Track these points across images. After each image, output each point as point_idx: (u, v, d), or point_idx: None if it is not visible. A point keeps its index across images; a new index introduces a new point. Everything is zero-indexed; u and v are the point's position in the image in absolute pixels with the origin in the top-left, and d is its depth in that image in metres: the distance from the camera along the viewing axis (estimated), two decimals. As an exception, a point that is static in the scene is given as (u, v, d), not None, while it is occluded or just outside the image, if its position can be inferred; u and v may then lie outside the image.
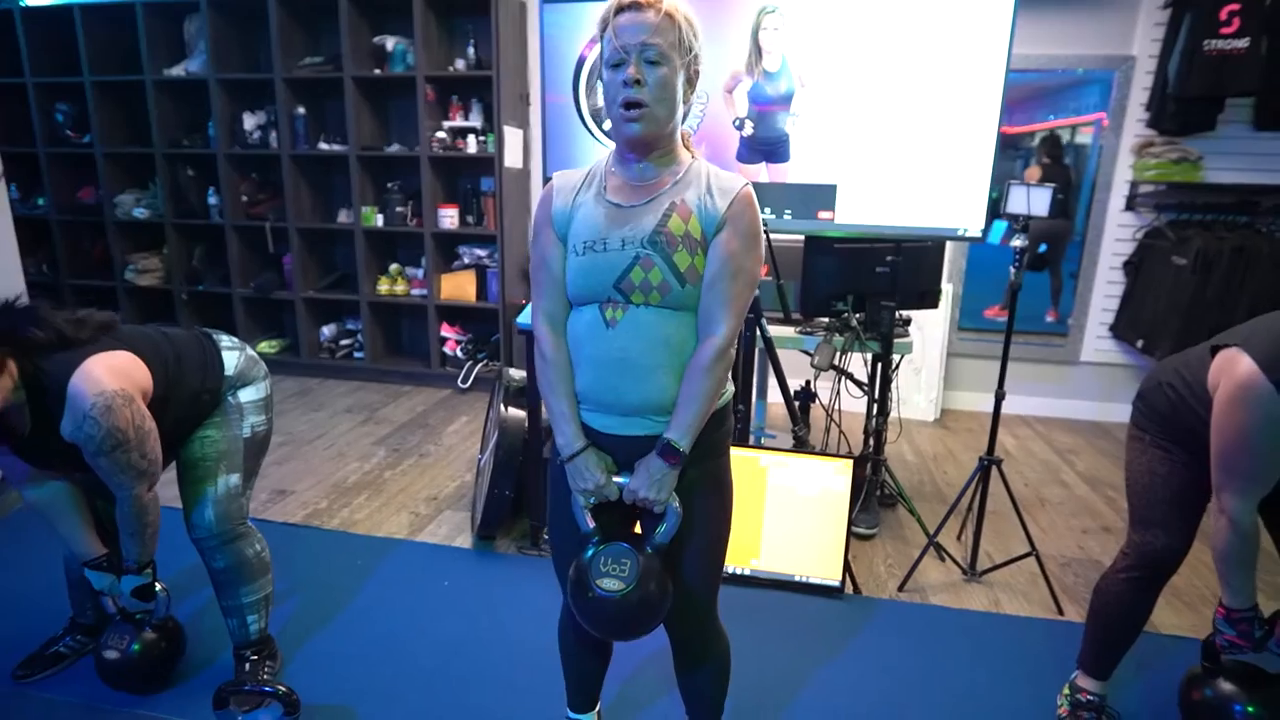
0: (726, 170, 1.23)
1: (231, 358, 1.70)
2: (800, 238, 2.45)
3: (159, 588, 1.66)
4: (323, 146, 4.04)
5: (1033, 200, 2.04)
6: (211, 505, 1.61)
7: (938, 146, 2.26)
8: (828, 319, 2.62)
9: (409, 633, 2.02)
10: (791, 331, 2.61)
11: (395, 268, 4.25)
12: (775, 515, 2.22)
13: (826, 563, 2.21)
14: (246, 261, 4.31)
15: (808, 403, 2.74)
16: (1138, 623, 1.57)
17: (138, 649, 1.65)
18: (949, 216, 2.31)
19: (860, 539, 2.58)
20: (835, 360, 2.53)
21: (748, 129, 2.33)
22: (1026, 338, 4.41)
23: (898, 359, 2.63)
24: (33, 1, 4.10)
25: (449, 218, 4.01)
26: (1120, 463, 3.34)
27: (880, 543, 2.60)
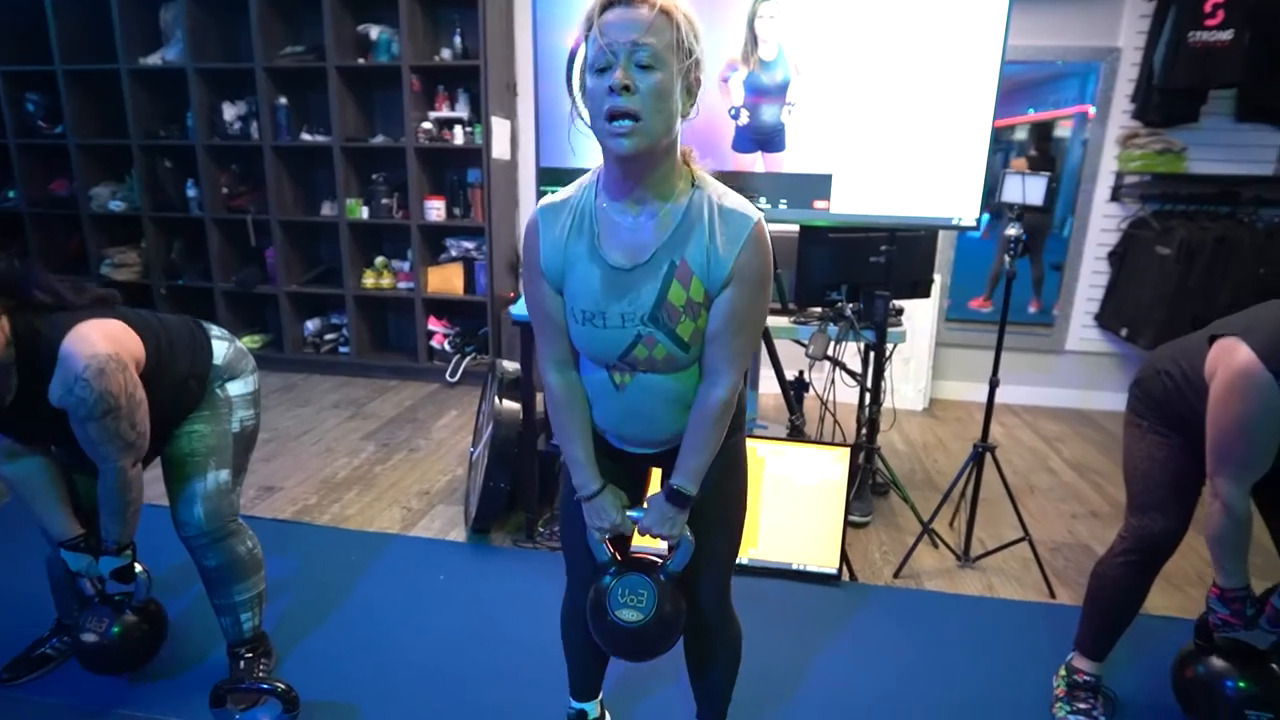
0: (734, 195, 1.09)
1: (220, 347, 1.65)
2: (796, 227, 2.44)
3: (139, 569, 1.57)
4: (305, 137, 3.97)
5: (1028, 189, 2.05)
6: (201, 502, 1.56)
7: (932, 135, 2.26)
8: (821, 309, 2.62)
9: (406, 628, 1.99)
10: (785, 321, 2.61)
11: (381, 261, 4.19)
12: (773, 504, 2.22)
13: (824, 551, 2.22)
14: (227, 255, 4.23)
15: (801, 393, 2.75)
16: (1134, 605, 1.59)
17: (117, 632, 1.55)
18: (943, 206, 2.32)
19: (854, 527, 2.59)
20: (830, 350, 2.54)
21: (743, 118, 2.32)
22: (1012, 328, 4.45)
23: (891, 348, 2.64)
24: (1, -13, 3.98)
25: (435, 210, 3.96)
26: (1106, 450, 3.41)
27: (874, 530, 2.61)
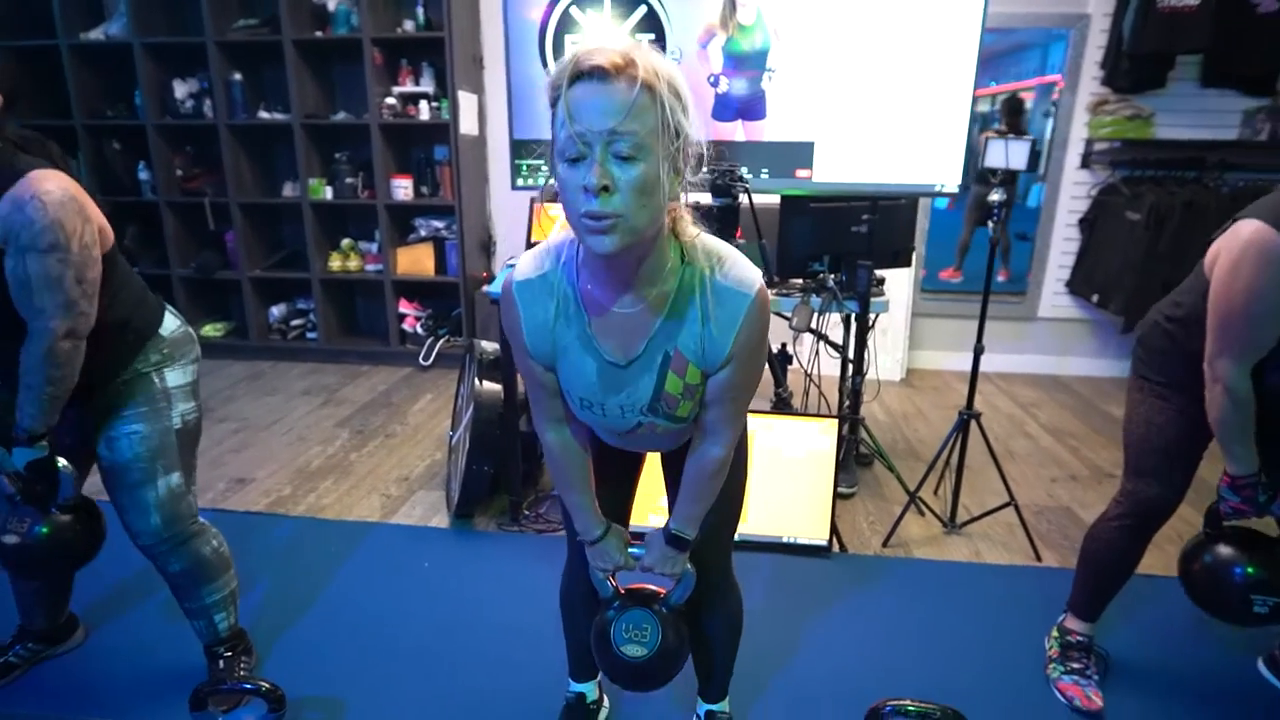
0: (733, 260, 0.98)
1: (172, 321, 1.50)
2: (777, 197, 2.40)
3: (61, 464, 1.40)
4: (263, 115, 3.81)
5: (1011, 154, 2.04)
6: (156, 510, 1.44)
7: (914, 101, 2.24)
8: (803, 280, 2.60)
9: (393, 617, 1.94)
10: (768, 294, 2.58)
11: (347, 243, 4.06)
12: (762, 477, 2.20)
13: (813, 523, 2.21)
14: (184, 240, 4.06)
15: (785, 365, 2.73)
16: (1127, 569, 1.60)
17: (45, 532, 1.39)
18: (925, 172, 2.30)
19: (841, 498, 2.59)
20: (813, 322, 2.51)
21: (723, 85, 2.27)
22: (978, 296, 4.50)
23: (873, 318, 2.63)
24: (-76, -42, 3.72)
25: (403, 189, 3.84)
26: (1080, 415, 3.46)
27: (860, 501, 2.62)
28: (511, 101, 2.35)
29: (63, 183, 1.25)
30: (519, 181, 2.44)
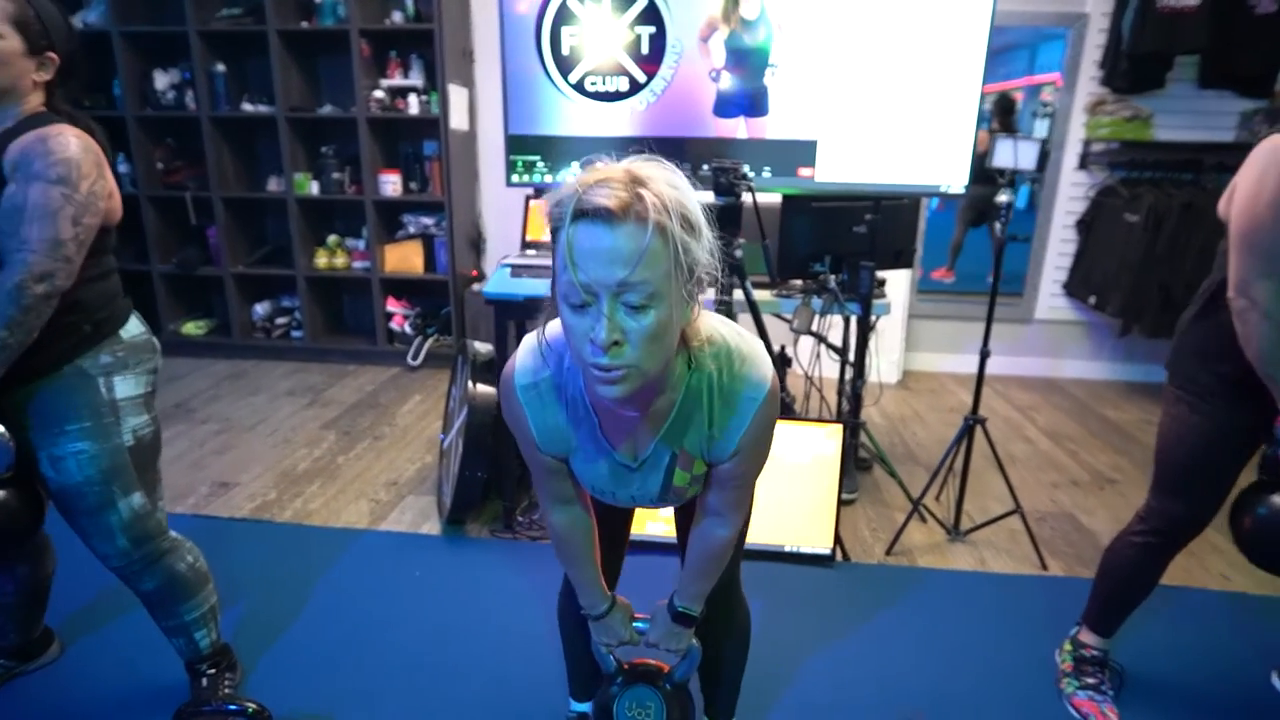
0: (743, 356, 0.93)
1: (136, 325, 1.39)
2: (779, 196, 2.35)
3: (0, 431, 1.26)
4: (246, 108, 3.70)
5: (1020, 153, 1.99)
6: (122, 533, 1.35)
7: (920, 99, 2.19)
8: (803, 281, 2.54)
9: (383, 629, 1.87)
10: (768, 295, 2.53)
11: (334, 239, 3.96)
12: (764, 485, 2.13)
13: (816, 531, 2.16)
14: (165, 236, 3.94)
15: (784, 368, 2.68)
16: (1148, 586, 1.55)
17: None
18: (931, 173, 2.25)
19: (842, 504, 2.54)
20: (814, 324, 2.46)
21: (725, 81, 2.20)
22: (981, 298, 4.48)
23: (874, 320, 2.58)
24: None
25: (391, 184, 3.75)
26: (1077, 418, 3.44)
27: (861, 507, 2.57)
28: (507, 96, 2.27)
29: (90, 142, 1.25)
30: (514, 178, 2.36)
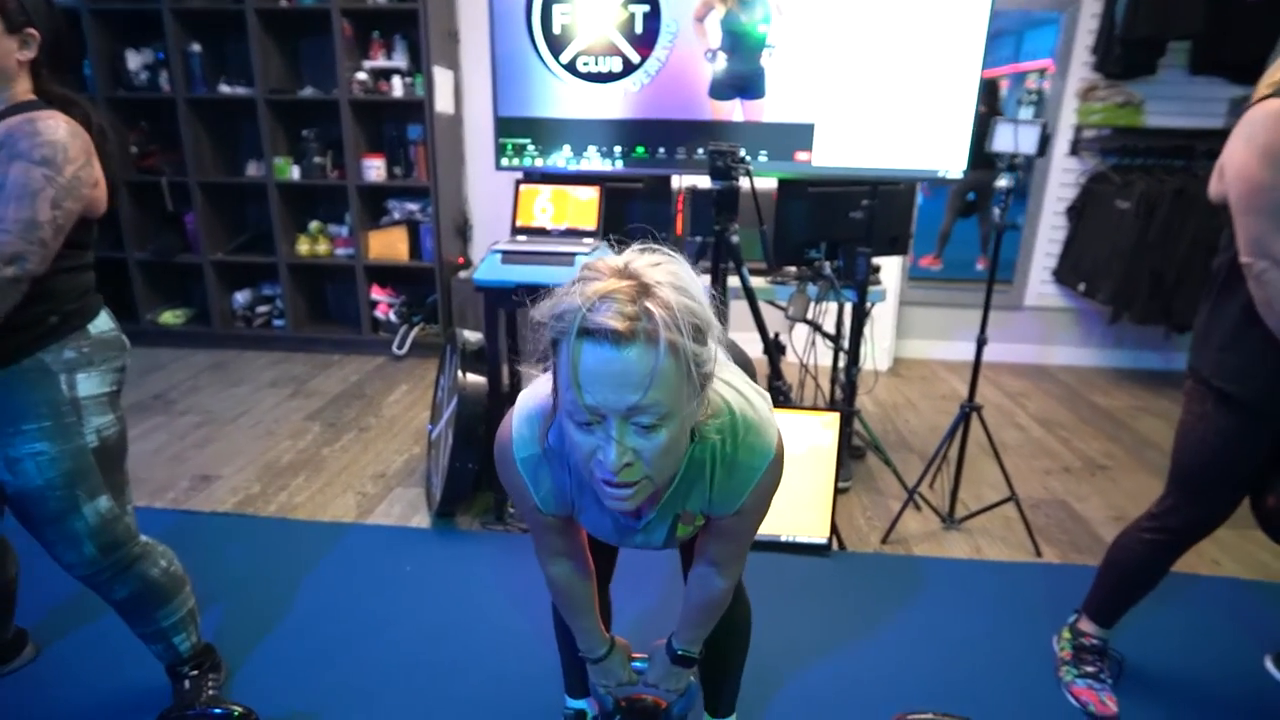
0: (749, 425, 0.91)
1: (105, 322, 1.32)
2: (775, 181, 2.31)
3: None
4: (224, 89, 3.59)
5: (1020, 138, 1.96)
6: (89, 539, 1.28)
7: (919, 82, 2.15)
8: (798, 268, 2.51)
9: (373, 625, 1.82)
10: (762, 282, 2.49)
11: (316, 225, 3.87)
12: (760, 475, 2.12)
13: (813, 521, 2.14)
14: (141, 222, 3.83)
15: (779, 355, 2.64)
16: (1153, 581, 1.53)
17: None
18: (929, 158, 2.22)
19: (837, 493, 2.52)
20: (809, 311, 2.43)
21: (721, 62, 2.15)
22: (970, 284, 4.47)
23: (869, 307, 2.56)
24: None
25: (375, 169, 3.66)
26: (1068, 404, 3.44)
27: (855, 495, 2.55)
28: (496, 77, 2.20)
29: (81, 129, 1.21)
30: (504, 161, 2.30)
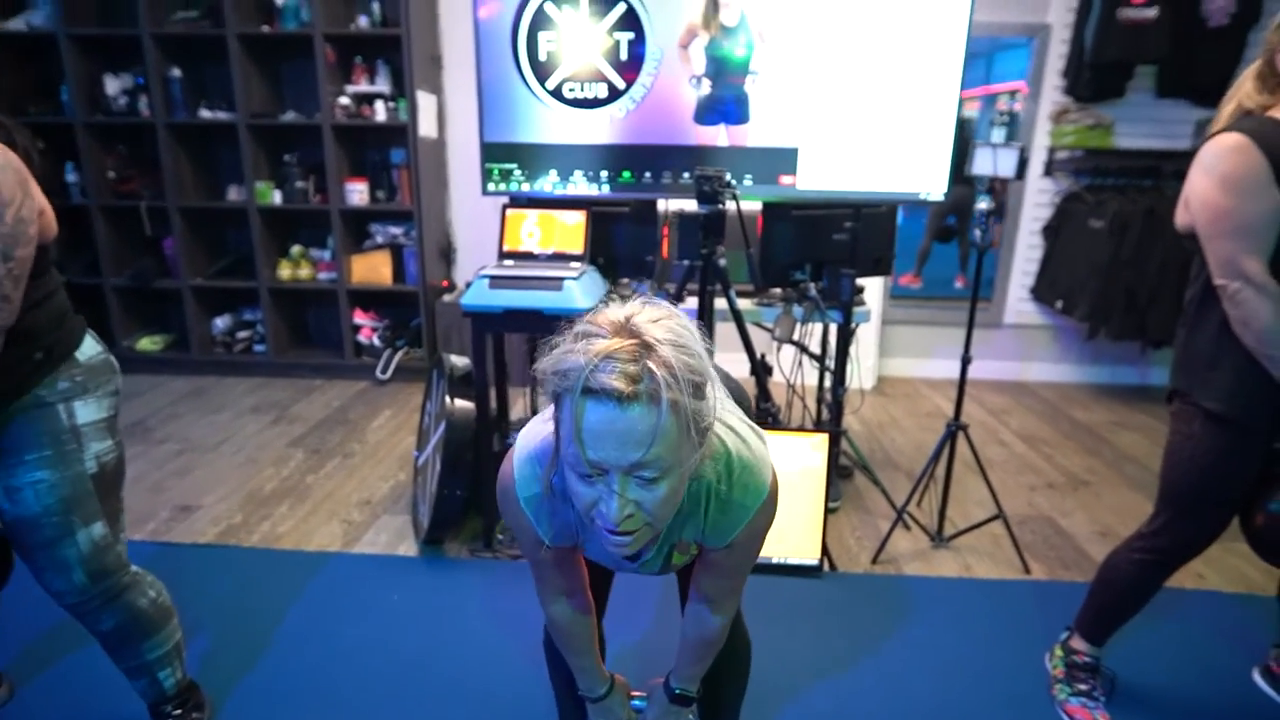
0: (744, 464, 0.93)
1: (91, 345, 1.30)
2: (759, 205, 2.33)
3: None
4: (205, 114, 3.57)
5: (999, 161, 2.00)
6: (80, 566, 1.25)
7: (900, 108, 2.19)
8: (783, 289, 2.53)
9: (361, 656, 1.78)
10: (749, 304, 2.51)
11: (298, 250, 3.84)
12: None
13: (804, 542, 2.13)
14: (118, 247, 3.77)
15: (766, 375, 2.66)
16: (1143, 600, 1.55)
17: None
18: (910, 180, 2.25)
19: (827, 513, 2.52)
20: (795, 332, 2.45)
21: (705, 88, 2.18)
22: (950, 303, 4.54)
23: (854, 327, 2.58)
24: None
25: (358, 193, 3.65)
26: (1049, 420, 3.49)
27: (845, 515, 2.56)
28: (482, 103, 2.21)
29: (10, 157, 1.12)
30: (490, 186, 2.30)
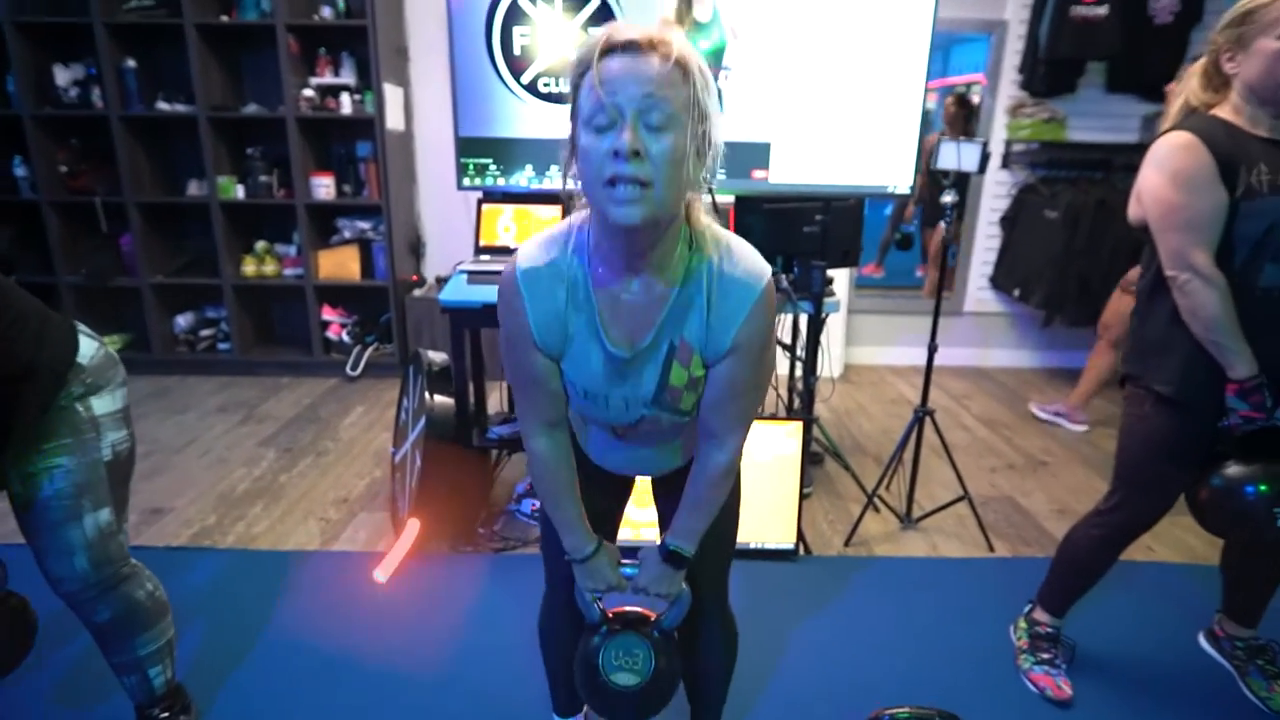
0: (742, 250, 0.96)
1: (89, 345, 1.30)
2: (732, 198, 2.38)
3: None
4: (162, 106, 3.47)
5: (963, 156, 2.08)
6: (83, 551, 1.26)
7: (868, 103, 2.25)
8: (756, 282, 2.58)
9: (345, 655, 1.79)
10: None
11: (262, 245, 3.77)
12: (728, 484, 2.17)
13: (780, 527, 2.20)
14: (73, 244, 3.65)
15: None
16: (1100, 572, 1.64)
17: None
18: (878, 173, 2.32)
19: (802, 499, 2.59)
20: (768, 323, 2.50)
21: (678, 84, 2.21)
22: (913, 292, 4.66)
23: (825, 317, 2.65)
24: None
25: (324, 187, 3.59)
26: (1008, 404, 3.62)
27: (817, 499, 2.63)
28: (456, 98, 2.21)
29: None
30: (465, 181, 2.30)
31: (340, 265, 3.74)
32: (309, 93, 3.48)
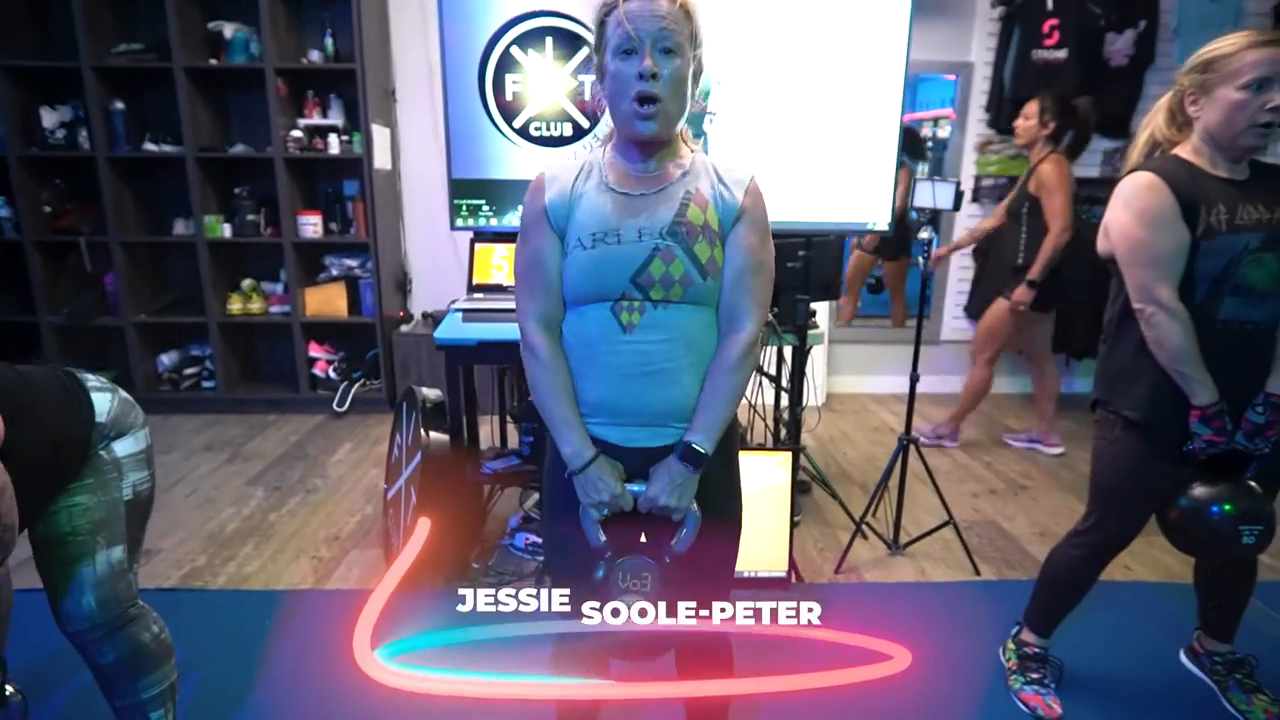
0: (728, 164, 1.17)
1: (103, 401, 1.34)
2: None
3: (10, 690, 1.32)
4: (150, 147, 3.50)
5: (937, 194, 2.18)
6: (91, 589, 1.28)
7: (846, 144, 2.36)
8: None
9: (345, 696, 1.78)
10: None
11: (249, 284, 3.78)
12: (720, 514, 2.21)
13: (772, 556, 2.24)
14: (56, 284, 3.64)
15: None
16: (1082, 591, 1.70)
17: None
18: (858, 211, 2.42)
19: (792, 527, 2.64)
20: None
21: (665, 127, 2.30)
22: (884, 322, 4.78)
23: (809, 349, 2.72)
24: None
25: (311, 225, 3.63)
26: (984, 429, 3.71)
27: (806, 528, 2.68)
28: (449, 141, 2.28)
29: None
30: (459, 221, 2.36)
31: (327, 302, 3.76)
32: (297, 133, 3.53)
